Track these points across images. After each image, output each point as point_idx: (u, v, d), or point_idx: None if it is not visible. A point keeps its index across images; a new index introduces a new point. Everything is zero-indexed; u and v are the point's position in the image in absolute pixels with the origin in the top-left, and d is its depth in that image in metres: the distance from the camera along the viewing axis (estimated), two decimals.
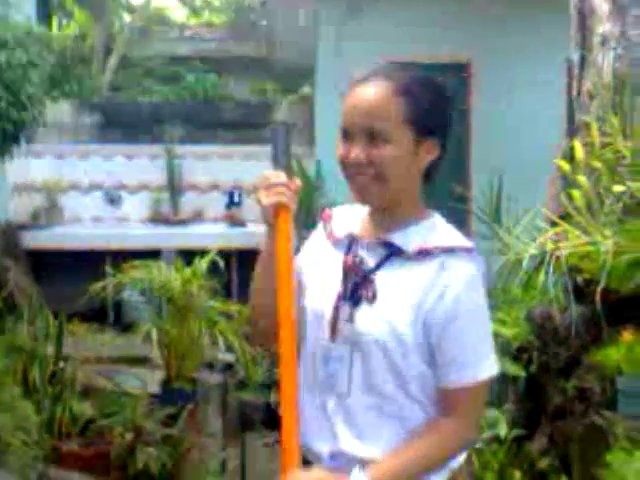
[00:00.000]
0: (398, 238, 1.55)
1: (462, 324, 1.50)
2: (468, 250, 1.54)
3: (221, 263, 4.39)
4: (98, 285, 4.39)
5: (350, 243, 1.61)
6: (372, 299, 1.53)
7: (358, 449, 1.53)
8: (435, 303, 1.49)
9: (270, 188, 1.55)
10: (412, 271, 1.52)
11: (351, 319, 1.54)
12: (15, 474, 3.14)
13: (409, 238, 1.54)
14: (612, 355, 3.13)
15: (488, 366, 1.54)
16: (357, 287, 1.56)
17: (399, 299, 1.51)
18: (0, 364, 3.84)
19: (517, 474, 3.56)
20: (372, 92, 1.50)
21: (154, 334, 4.11)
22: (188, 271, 4.20)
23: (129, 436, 3.58)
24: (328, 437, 1.56)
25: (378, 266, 1.55)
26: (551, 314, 3.45)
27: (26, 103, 3.38)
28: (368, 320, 1.53)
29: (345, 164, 1.54)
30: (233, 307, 4.32)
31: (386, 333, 1.50)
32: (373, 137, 1.48)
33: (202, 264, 4.27)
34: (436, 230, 1.57)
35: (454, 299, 1.49)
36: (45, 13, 10.57)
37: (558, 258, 3.33)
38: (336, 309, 1.56)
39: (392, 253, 1.55)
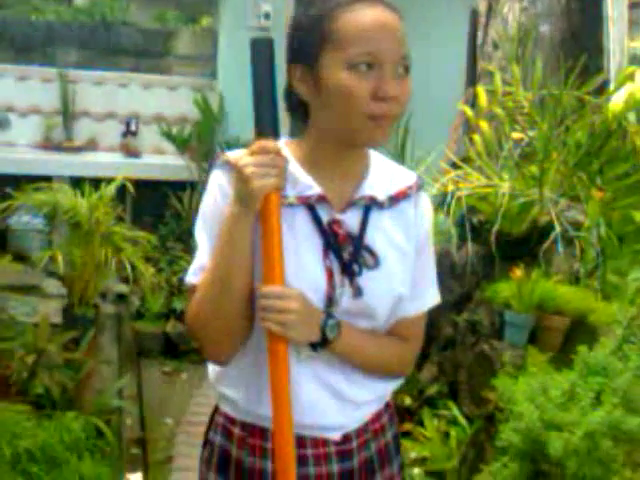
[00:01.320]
0: (369, 189, 1.43)
1: (426, 256, 1.52)
2: (423, 182, 1.53)
3: (130, 189, 4.35)
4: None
5: (311, 206, 1.39)
6: (375, 265, 1.42)
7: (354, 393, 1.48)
8: (415, 243, 1.48)
9: (263, 166, 1.27)
10: (392, 219, 1.45)
11: (360, 293, 1.41)
12: None
13: (377, 185, 1.43)
14: (503, 291, 3.37)
15: (437, 293, 1.57)
16: (355, 256, 1.40)
17: (392, 254, 1.45)
18: None
19: (407, 400, 3.79)
20: (392, 16, 1.33)
21: (59, 259, 4.04)
22: (95, 196, 4.14)
23: (30, 359, 3.55)
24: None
25: (364, 226, 1.42)
26: (448, 251, 3.66)
27: None
28: (377, 288, 1.43)
29: (376, 99, 1.29)
30: (140, 234, 4.30)
31: (396, 293, 1.45)
32: (405, 66, 1.34)
33: (109, 190, 4.22)
34: (388, 168, 1.49)
35: (425, 235, 1.50)
36: None
37: (458, 199, 3.53)
38: (329, 292, 1.39)
39: (368, 209, 1.43)
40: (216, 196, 1.40)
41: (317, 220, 1.39)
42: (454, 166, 3.88)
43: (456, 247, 3.65)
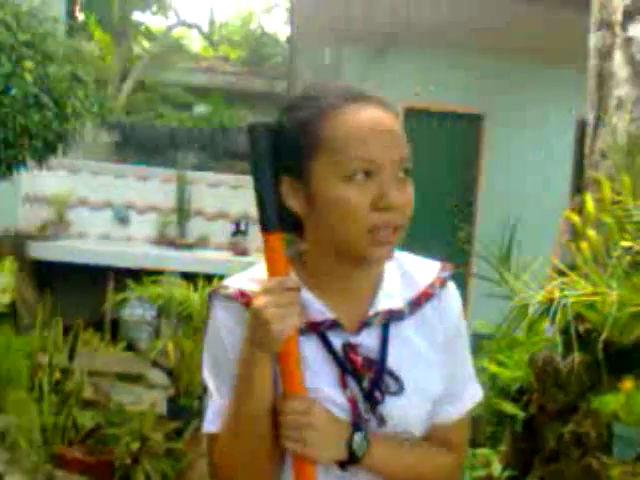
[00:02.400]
0: (385, 301, 1.25)
1: (459, 353, 1.34)
2: (448, 274, 1.33)
3: None
4: (117, 298, 4.47)
5: (320, 332, 1.22)
6: (399, 390, 1.24)
7: None
8: (443, 345, 1.30)
9: (283, 306, 1.11)
10: (415, 327, 1.28)
11: (383, 422, 1.23)
12: (25, 474, 3.20)
13: (392, 293, 1.26)
14: (610, 403, 3.24)
15: (477, 389, 1.39)
16: (376, 383, 1.23)
17: (418, 370, 1.27)
18: (16, 364, 3.90)
19: None
20: (386, 115, 1.16)
21: (170, 349, 4.20)
22: (207, 291, 4.30)
23: (135, 446, 3.65)
24: None
25: (384, 347, 1.23)
26: (553, 359, 3.57)
27: (70, 115, 3.52)
28: (402, 415, 1.25)
29: (378, 210, 1.13)
30: None
31: (424, 412, 1.28)
32: (405, 170, 1.17)
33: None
34: (405, 266, 1.30)
35: (454, 330, 1.32)
36: (69, 32, 10.81)
37: (564, 306, 3.47)
38: (356, 414, 1.22)
39: (387, 322, 1.24)
40: (222, 337, 1.24)
41: (330, 348, 1.22)
42: (560, 273, 3.84)
43: (561, 355, 3.56)
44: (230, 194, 7.48)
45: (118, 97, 10.58)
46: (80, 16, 11.66)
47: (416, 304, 1.26)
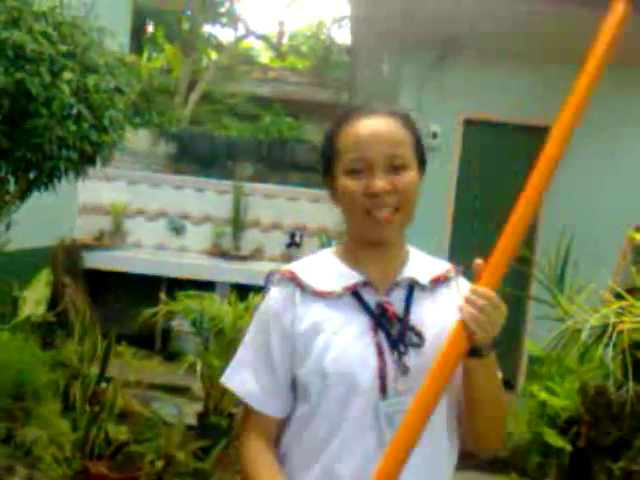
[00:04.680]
0: (411, 272, 1.54)
1: None
2: (461, 267, 1.63)
3: None
4: (150, 311, 4.39)
5: (356, 293, 1.51)
6: (421, 343, 1.48)
7: None
8: (453, 318, 1.46)
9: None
10: (433, 301, 1.54)
11: (405, 371, 1.46)
12: None
13: (418, 270, 1.55)
14: None
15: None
16: (402, 335, 1.48)
17: (435, 332, 1.49)
18: (44, 378, 3.85)
19: None
20: (385, 123, 1.49)
21: (199, 365, 4.08)
22: (241, 306, 4.17)
23: (160, 464, 3.53)
24: None
25: (408, 307, 1.51)
26: (606, 389, 3.29)
27: (108, 127, 3.45)
28: (423, 365, 1.44)
29: (366, 197, 1.45)
30: None
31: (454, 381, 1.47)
32: (395, 165, 1.46)
33: (255, 300, 4.24)
34: (426, 258, 1.61)
35: None
36: (137, 45, 10.98)
37: (620, 332, 3.19)
38: (381, 366, 1.45)
39: (412, 290, 1.53)
40: (268, 320, 1.53)
41: (363, 302, 1.50)
42: (618, 297, 3.54)
43: (615, 385, 3.27)
44: (286, 206, 7.37)
45: (184, 108, 10.65)
46: (150, 29, 11.82)
47: (435, 281, 1.55)
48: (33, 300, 4.66)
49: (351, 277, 1.52)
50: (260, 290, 4.88)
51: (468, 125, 6.25)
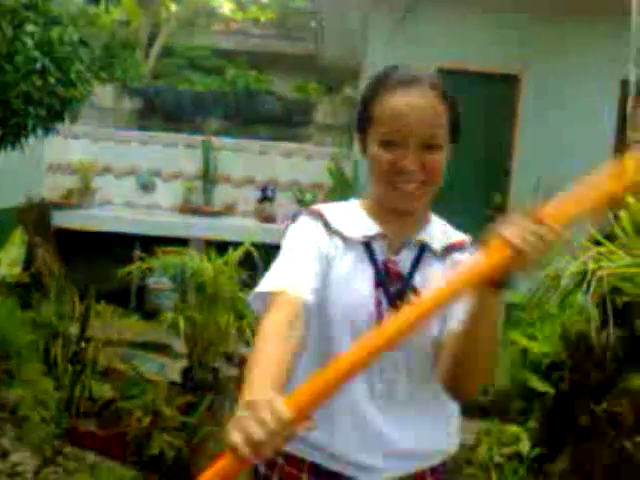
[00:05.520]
0: (425, 236, 1.56)
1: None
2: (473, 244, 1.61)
3: (255, 255, 4.34)
4: (129, 268, 4.35)
5: (369, 244, 1.55)
6: None
7: (409, 443, 1.52)
8: None
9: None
10: (443, 266, 1.56)
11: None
12: (32, 448, 3.11)
13: (433, 236, 1.57)
14: None
15: None
16: (401, 294, 1.51)
17: None
18: (25, 338, 3.81)
19: None
20: (424, 99, 1.48)
21: (181, 321, 4.07)
22: (220, 261, 4.15)
23: (147, 420, 3.54)
24: (377, 444, 1.50)
25: (414, 267, 1.54)
26: (587, 334, 3.36)
27: (75, 81, 3.35)
28: None
29: (395, 171, 1.48)
30: None
31: (436, 330, 1.50)
32: (429, 144, 1.47)
33: (234, 255, 4.23)
34: (445, 227, 1.62)
35: None
36: None
37: (600, 278, 3.25)
38: (379, 316, 1.48)
39: (422, 253, 1.55)
40: (303, 231, 1.53)
41: (373, 257, 1.53)
42: (597, 243, 3.61)
43: (596, 330, 3.34)
44: (256, 160, 7.31)
45: (145, 62, 10.41)
46: None
47: (449, 249, 1.57)
48: (8, 261, 4.58)
49: (370, 229, 1.55)
50: (237, 245, 4.81)
51: (441, 74, 6.23)
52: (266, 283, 1.45)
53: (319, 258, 1.49)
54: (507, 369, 4.11)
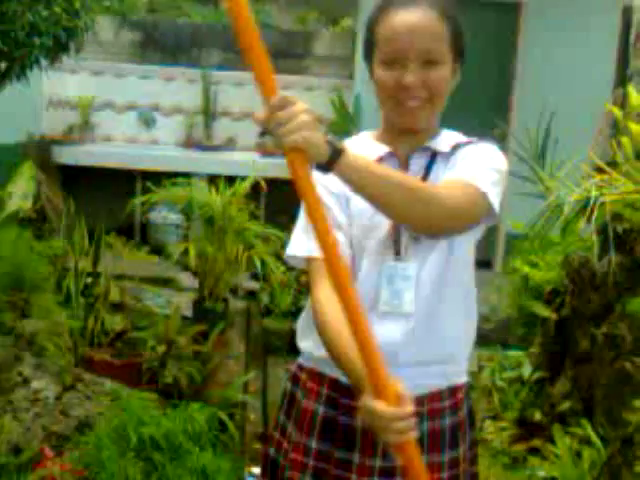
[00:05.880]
0: (434, 145, 1.62)
1: (471, 160, 1.56)
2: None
3: (263, 186, 4.39)
4: (138, 201, 4.39)
5: (380, 161, 1.56)
6: None
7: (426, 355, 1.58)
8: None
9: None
10: (453, 164, 1.60)
11: (418, 239, 1.55)
12: (51, 376, 3.22)
13: (442, 142, 1.63)
14: None
15: (488, 186, 1.51)
16: None
17: None
18: (40, 270, 3.89)
19: (537, 414, 3.61)
20: (422, 16, 1.52)
21: (192, 253, 4.14)
22: (228, 193, 4.20)
23: (161, 349, 3.64)
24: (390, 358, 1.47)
25: (427, 171, 1.60)
26: (589, 260, 3.45)
27: (79, 10, 3.34)
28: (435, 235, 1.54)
29: (397, 89, 1.53)
30: (272, 231, 4.31)
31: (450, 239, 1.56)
32: (428, 60, 1.51)
33: (242, 187, 4.28)
34: (458, 135, 1.67)
35: (472, 149, 1.60)
36: None
37: (602, 205, 3.31)
38: (393, 230, 1.56)
39: (434, 160, 1.61)
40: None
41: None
42: (599, 170, 3.65)
43: (597, 256, 3.42)
44: (257, 93, 7.26)
45: None
46: None
47: (457, 146, 1.61)
48: (19, 195, 4.62)
49: (379, 150, 1.61)
50: (243, 179, 4.84)
51: None
52: (298, 245, 1.61)
53: (336, 202, 1.57)
54: (509, 296, 4.21)
